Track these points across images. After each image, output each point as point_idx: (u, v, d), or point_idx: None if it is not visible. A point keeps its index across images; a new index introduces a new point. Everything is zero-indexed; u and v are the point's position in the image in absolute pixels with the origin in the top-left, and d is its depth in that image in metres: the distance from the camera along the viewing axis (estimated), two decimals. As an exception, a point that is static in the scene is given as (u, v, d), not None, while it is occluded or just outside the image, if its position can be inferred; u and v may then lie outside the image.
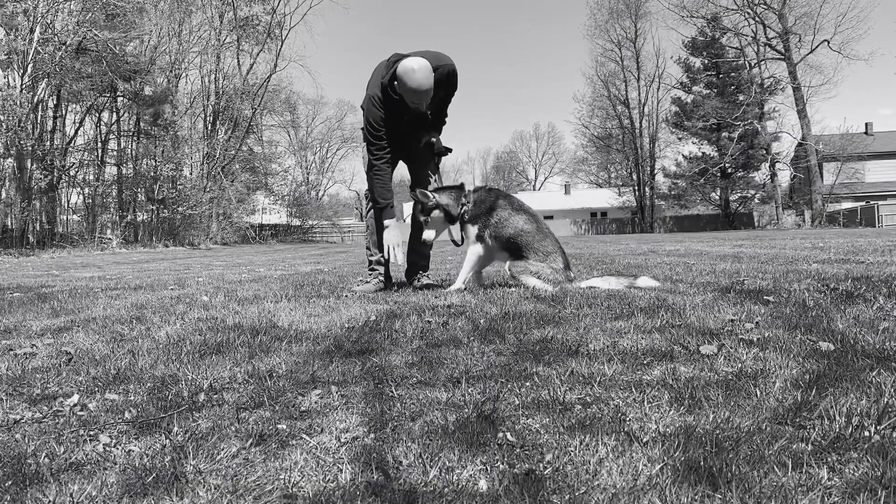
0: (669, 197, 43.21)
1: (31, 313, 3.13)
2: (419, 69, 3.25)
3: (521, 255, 3.42)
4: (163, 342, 2.21)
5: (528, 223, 3.44)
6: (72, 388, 1.64)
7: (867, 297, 2.57)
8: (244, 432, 1.27)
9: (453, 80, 3.57)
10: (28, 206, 18.45)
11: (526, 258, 3.41)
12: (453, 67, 3.53)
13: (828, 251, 6.43)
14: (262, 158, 37.79)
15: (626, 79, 44.82)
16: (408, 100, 3.37)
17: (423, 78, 3.26)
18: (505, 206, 3.48)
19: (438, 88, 3.49)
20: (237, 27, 31.38)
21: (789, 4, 34.75)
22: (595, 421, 1.26)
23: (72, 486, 1.05)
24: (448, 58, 3.53)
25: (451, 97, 3.75)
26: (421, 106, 3.41)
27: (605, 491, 0.97)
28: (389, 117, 3.51)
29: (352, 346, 2.05)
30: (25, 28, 17.32)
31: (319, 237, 42.54)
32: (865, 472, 0.99)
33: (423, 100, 3.36)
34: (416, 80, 3.25)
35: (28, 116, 18.13)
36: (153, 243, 23.56)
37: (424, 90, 3.29)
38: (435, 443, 1.17)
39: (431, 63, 3.35)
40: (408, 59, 3.31)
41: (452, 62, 3.53)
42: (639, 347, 1.87)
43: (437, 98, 3.58)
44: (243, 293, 3.83)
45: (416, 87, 3.27)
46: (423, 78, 3.26)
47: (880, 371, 1.47)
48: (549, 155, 76.79)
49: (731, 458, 1.05)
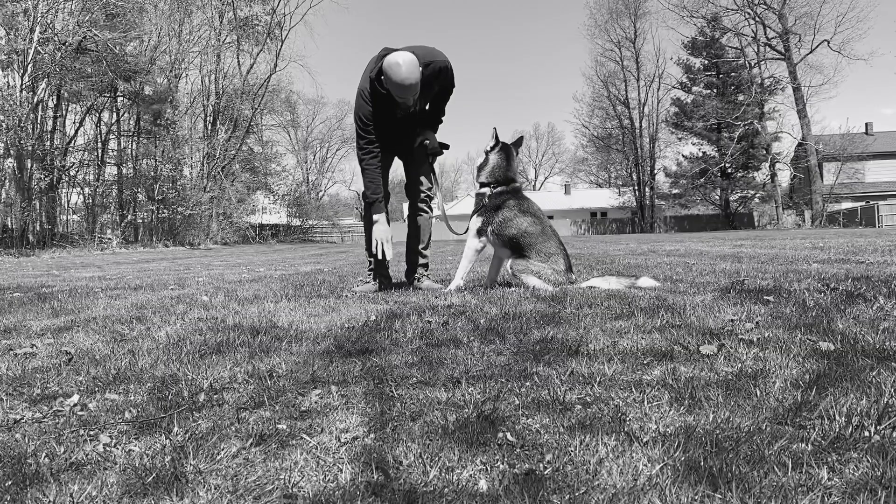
0: (669, 197, 43.23)
1: (31, 313, 3.13)
2: (404, 63, 3.20)
3: (524, 255, 3.42)
4: (163, 342, 2.21)
5: (533, 225, 3.43)
6: (72, 388, 1.64)
7: (867, 297, 2.57)
8: (244, 432, 1.27)
9: (446, 76, 3.52)
10: (28, 206, 18.45)
11: (528, 258, 3.41)
12: (446, 63, 3.47)
13: (828, 251, 6.43)
14: (262, 158, 37.76)
15: (626, 79, 44.87)
16: (394, 94, 3.32)
17: (408, 73, 3.20)
18: (513, 206, 3.46)
19: (430, 85, 3.45)
20: (237, 27, 31.37)
21: (789, 4, 34.78)
22: (595, 421, 1.26)
23: (72, 486, 1.05)
24: (441, 53, 3.48)
25: (449, 95, 3.71)
26: (407, 100, 3.35)
27: (605, 491, 0.97)
28: (379, 112, 3.48)
29: (352, 345, 2.04)
30: (25, 28, 17.33)
31: (319, 237, 42.53)
32: (865, 472, 0.98)
33: (409, 94, 3.30)
34: (400, 74, 3.20)
35: (28, 116, 18.13)
36: (153, 243, 23.56)
37: (409, 84, 3.23)
38: (435, 443, 1.17)
39: (422, 59, 3.31)
40: (394, 54, 3.27)
41: (445, 58, 3.48)
42: (639, 347, 1.87)
43: (429, 94, 3.56)
44: (243, 293, 3.83)
45: (400, 81, 3.21)
46: (408, 73, 3.20)
47: (880, 371, 1.47)
48: (549, 155, 76.82)
49: (731, 458, 1.04)
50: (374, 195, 3.64)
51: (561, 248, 3.48)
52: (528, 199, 3.56)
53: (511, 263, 3.45)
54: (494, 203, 3.49)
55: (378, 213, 3.65)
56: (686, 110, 40.81)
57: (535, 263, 3.38)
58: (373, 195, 3.64)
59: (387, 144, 3.68)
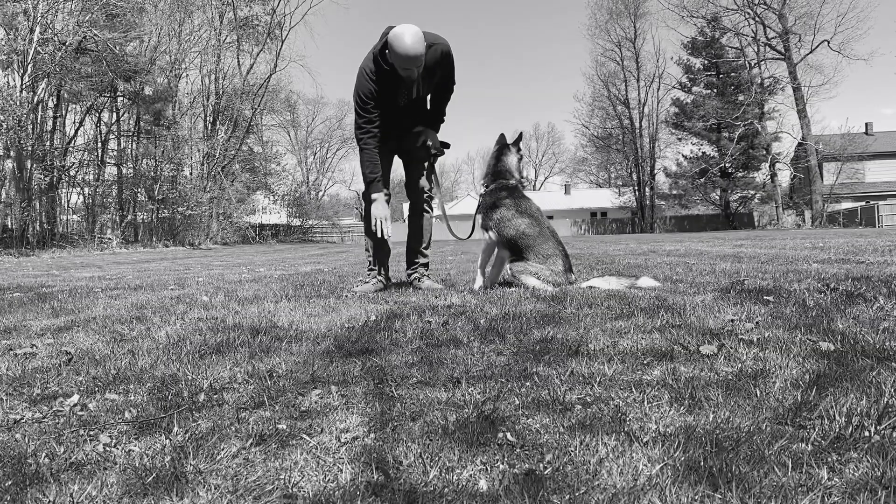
0: (670, 197, 43.23)
1: (31, 313, 3.13)
2: (409, 34, 3.24)
3: (522, 256, 3.44)
4: (163, 342, 2.21)
5: (531, 227, 3.44)
6: (72, 388, 1.64)
7: (867, 297, 2.57)
8: (244, 432, 1.27)
9: (448, 62, 3.55)
10: (28, 206, 18.44)
11: (526, 259, 3.42)
12: (448, 48, 3.51)
13: (828, 251, 6.42)
14: (262, 158, 37.78)
15: (626, 79, 44.85)
16: (398, 66, 3.34)
17: (413, 43, 3.23)
18: (510, 206, 3.49)
19: (432, 70, 3.50)
20: (237, 27, 31.37)
21: (789, 4, 34.76)
22: (595, 421, 1.26)
23: (72, 486, 1.05)
24: (443, 38, 3.52)
25: (449, 93, 3.75)
26: (412, 73, 3.37)
27: (605, 491, 0.97)
28: (382, 95, 3.50)
29: (352, 345, 2.04)
30: (25, 28, 17.32)
31: (319, 237, 42.53)
32: (865, 472, 0.99)
33: (413, 65, 3.32)
34: (405, 44, 3.23)
35: (28, 116, 18.12)
36: (153, 243, 23.56)
37: (413, 55, 3.26)
38: (435, 443, 1.17)
39: (426, 39, 3.34)
40: (399, 26, 3.31)
41: (447, 42, 3.51)
42: (639, 347, 1.87)
43: (431, 82, 3.59)
44: (243, 293, 3.83)
45: (405, 51, 3.24)
46: (413, 43, 3.23)
47: (880, 371, 1.47)
48: (549, 155, 76.91)
49: (731, 458, 1.04)
50: (372, 174, 3.64)
51: (560, 248, 3.48)
52: (527, 199, 3.58)
53: (510, 266, 3.48)
54: (489, 201, 3.55)
55: (377, 192, 3.66)
56: (686, 110, 40.80)
57: (533, 265, 3.39)
58: (371, 174, 3.64)
59: (388, 139, 3.69)
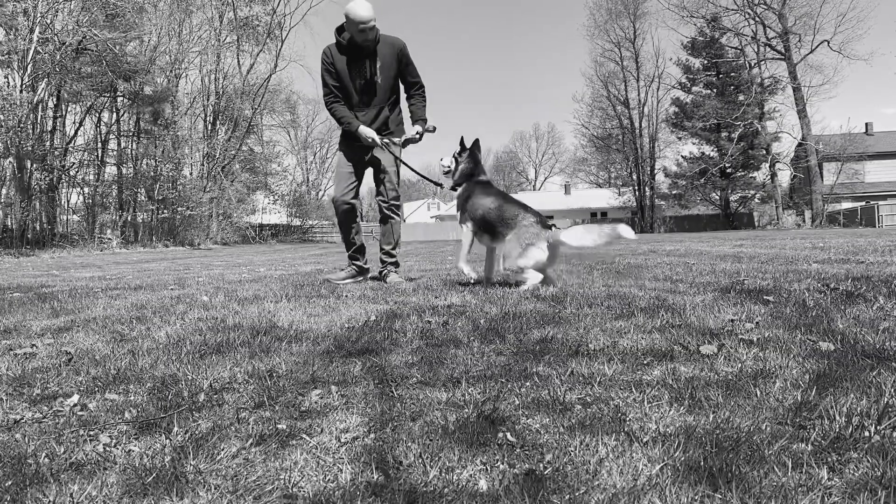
0: (669, 197, 43.21)
1: (31, 313, 3.13)
2: (359, 3, 3.82)
3: (495, 231, 3.63)
4: (163, 342, 2.21)
5: (494, 202, 3.70)
6: (72, 388, 1.64)
7: (867, 297, 2.57)
8: (244, 432, 1.27)
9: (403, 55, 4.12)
10: (28, 206, 18.43)
11: (500, 233, 3.61)
12: (402, 44, 4.12)
13: (828, 251, 6.43)
14: (262, 158, 37.74)
15: (626, 79, 44.84)
16: (354, 33, 3.89)
17: (363, 10, 3.82)
18: (478, 193, 3.81)
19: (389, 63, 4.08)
20: (237, 27, 31.36)
21: (789, 4, 34.77)
22: (595, 421, 1.26)
23: (72, 486, 1.05)
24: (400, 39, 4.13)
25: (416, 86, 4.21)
26: (367, 37, 3.89)
27: (605, 491, 0.97)
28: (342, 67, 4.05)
29: (352, 345, 2.05)
30: (25, 28, 17.31)
31: (319, 237, 42.49)
32: (865, 472, 0.99)
33: (367, 29, 3.86)
34: (356, 11, 3.82)
35: (28, 116, 18.11)
36: (153, 243, 23.54)
37: (365, 16, 3.82)
38: (435, 443, 1.17)
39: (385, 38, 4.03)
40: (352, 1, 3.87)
41: (402, 41, 4.14)
42: (639, 347, 1.87)
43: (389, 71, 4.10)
44: (243, 293, 3.83)
45: (356, 15, 3.82)
46: (363, 10, 3.82)
47: (880, 371, 1.47)
48: (549, 155, 76.97)
49: (731, 458, 1.04)
50: (350, 122, 4.09)
51: (523, 208, 3.63)
52: (492, 185, 3.90)
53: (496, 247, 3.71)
54: (463, 195, 3.87)
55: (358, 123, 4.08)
56: (686, 110, 40.80)
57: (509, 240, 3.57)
58: (350, 122, 4.09)
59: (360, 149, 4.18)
